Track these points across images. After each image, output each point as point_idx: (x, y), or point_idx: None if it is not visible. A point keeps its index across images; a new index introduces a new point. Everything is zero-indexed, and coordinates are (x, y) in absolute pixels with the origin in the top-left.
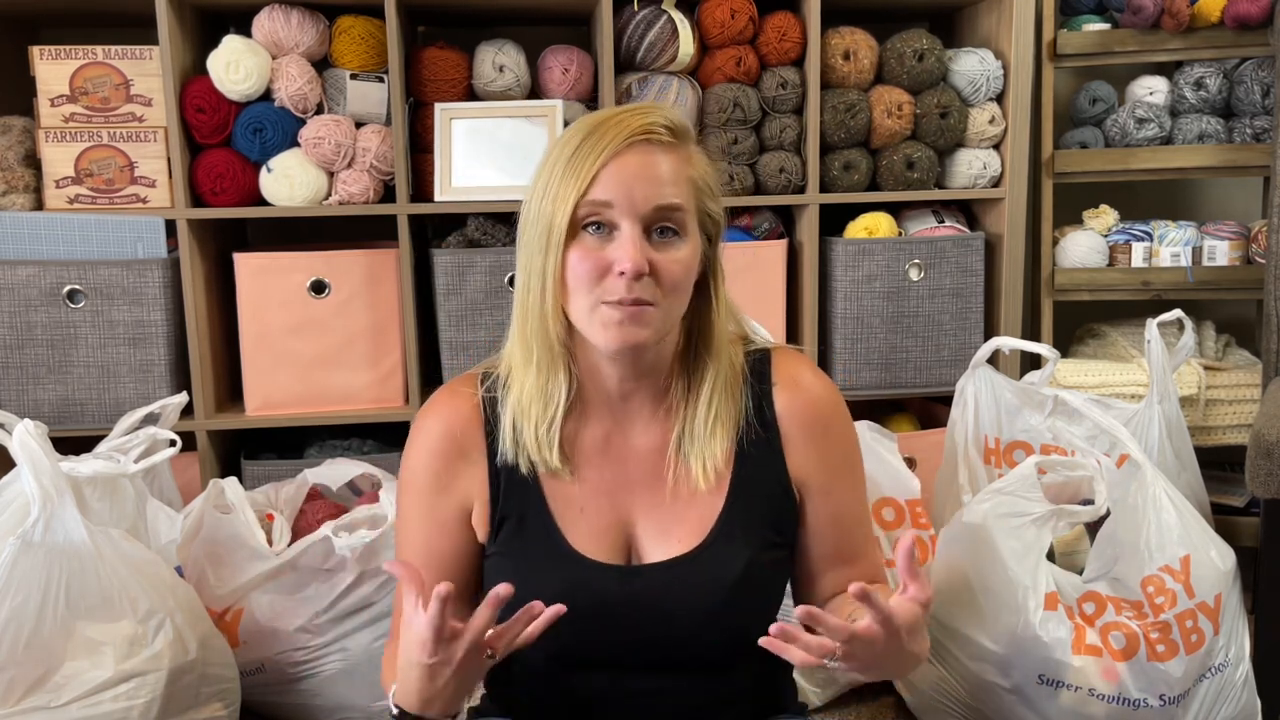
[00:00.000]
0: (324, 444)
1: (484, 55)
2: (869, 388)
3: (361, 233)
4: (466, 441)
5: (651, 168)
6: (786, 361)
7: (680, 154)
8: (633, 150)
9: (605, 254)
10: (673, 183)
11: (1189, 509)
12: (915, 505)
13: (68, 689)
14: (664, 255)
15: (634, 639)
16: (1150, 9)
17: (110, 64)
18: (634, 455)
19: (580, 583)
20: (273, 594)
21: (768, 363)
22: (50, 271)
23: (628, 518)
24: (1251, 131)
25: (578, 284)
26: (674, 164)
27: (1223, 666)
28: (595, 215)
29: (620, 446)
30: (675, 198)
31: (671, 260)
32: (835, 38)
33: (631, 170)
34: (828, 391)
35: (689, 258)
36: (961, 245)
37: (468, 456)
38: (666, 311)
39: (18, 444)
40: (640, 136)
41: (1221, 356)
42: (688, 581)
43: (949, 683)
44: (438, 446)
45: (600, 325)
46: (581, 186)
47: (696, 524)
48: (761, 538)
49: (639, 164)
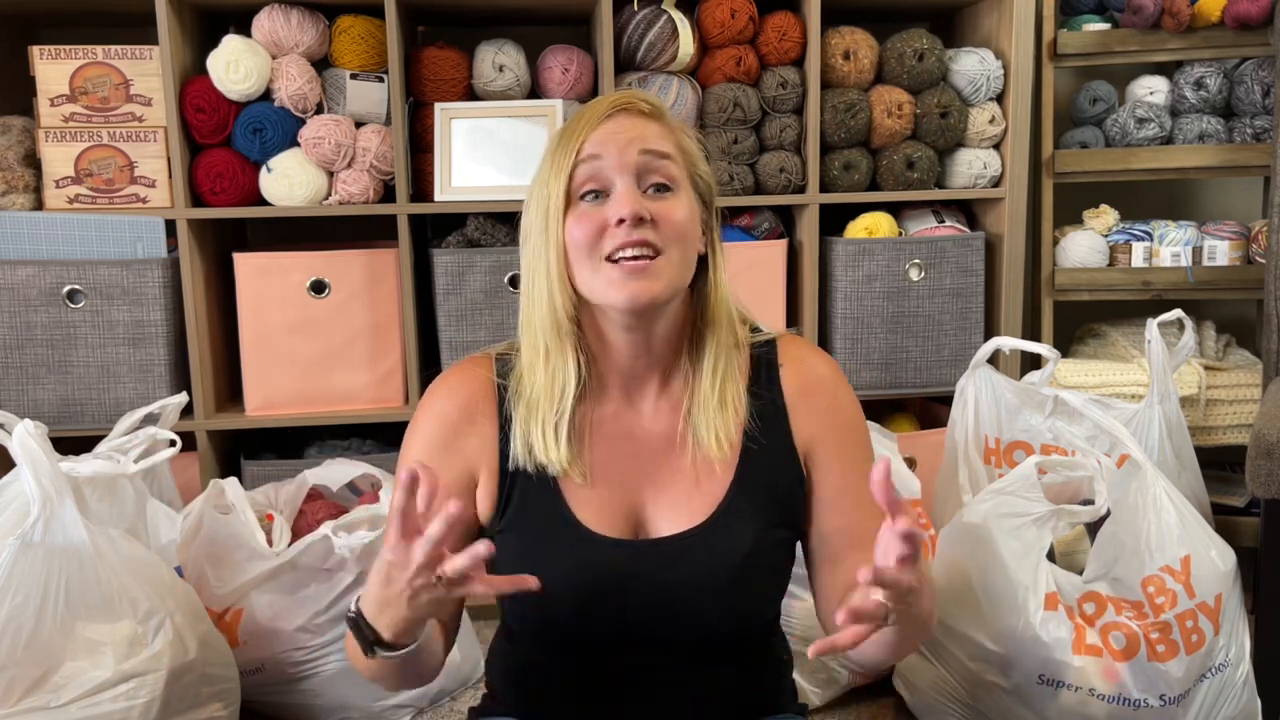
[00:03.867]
0: (324, 444)
1: (484, 55)
2: (869, 388)
3: (361, 233)
4: (479, 414)
5: (635, 127)
6: (792, 345)
7: (662, 122)
8: (614, 119)
9: (603, 213)
10: (659, 138)
11: (1189, 509)
12: (915, 505)
13: (68, 689)
14: (661, 205)
15: (639, 615)
16: (1150, 9)
17: (110, 64)
18: (644, 433)
19: (588, 557)
20: (272, 594)
21: (774, 349)
22: (50, 271)
23: (637, 494)
24: (1251, 131)
25: (578, 251)
26: (657, 127)
27: (1223, 666)
28: (590, 180)
29: (631, 425)
30: (662, 145)
31: (670, 209)
32: (835, 38)
33: (613, 129)
34: (831, 367)
35: (687, 211)
36: (961, 245)
37: (480, 430)
38: (674, 262)
39: (18, 444)
40: (620, 106)
41: (1222, 356)
42: (696, 556)
43: (949, 683)
44: (450, 413)
45: (607, 284)
46: (572, 155)
47: (705, 500)
48: (770, 516)
49: (620, 125)
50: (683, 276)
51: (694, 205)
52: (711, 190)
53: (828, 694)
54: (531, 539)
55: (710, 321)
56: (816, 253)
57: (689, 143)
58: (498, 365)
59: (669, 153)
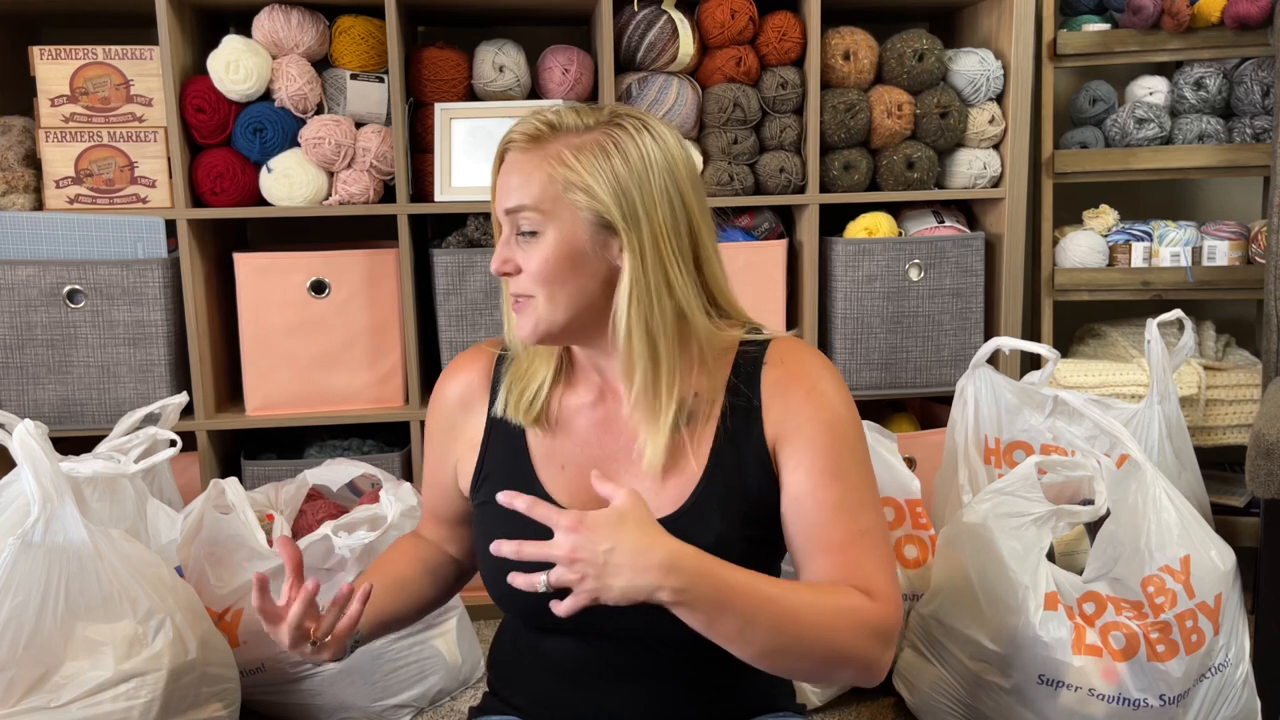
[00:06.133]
0: (324, 444)
1: (484, 55)
2: (869, 388)
3: (361, 233)
4: (474, 393)
5: (506, 177)
6: (785, 345)
7: (537, 154)
8: (504, 163)
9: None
10: (520, 186)
11: (1189, 509)
12: (915, 505)
13: (68, 689)
14: (524, 252)
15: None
16: (1150, 9)
17: (110, 64)
18: (619, 421)
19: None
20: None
21: (764, 348)
22: (50, 271)
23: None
24: (1251, 131)
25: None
26: (528, 166)
27: (1223, 666)
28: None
29: (607, 412)
30: (518, 199)
31: (530, 256)
32: (835, 38)
33: (503, 178)
34: (819, 363)
35: (550, 250)
36: (961, 245)
37: (472, 407)
38: (549, 301)
39: (18, 444)
40: (505, 150)
41: (1221, 356)
42: None
43: (949, 683)
44: (454, 394)
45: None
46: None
47: (674, 493)
48: (739, 514)
49: (503, 176)
50: (565, 311)
51: (572, 233)
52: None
53: (827, 694)
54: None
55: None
56: (816, 253)
57: (577, 168)
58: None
59: (525, 203)
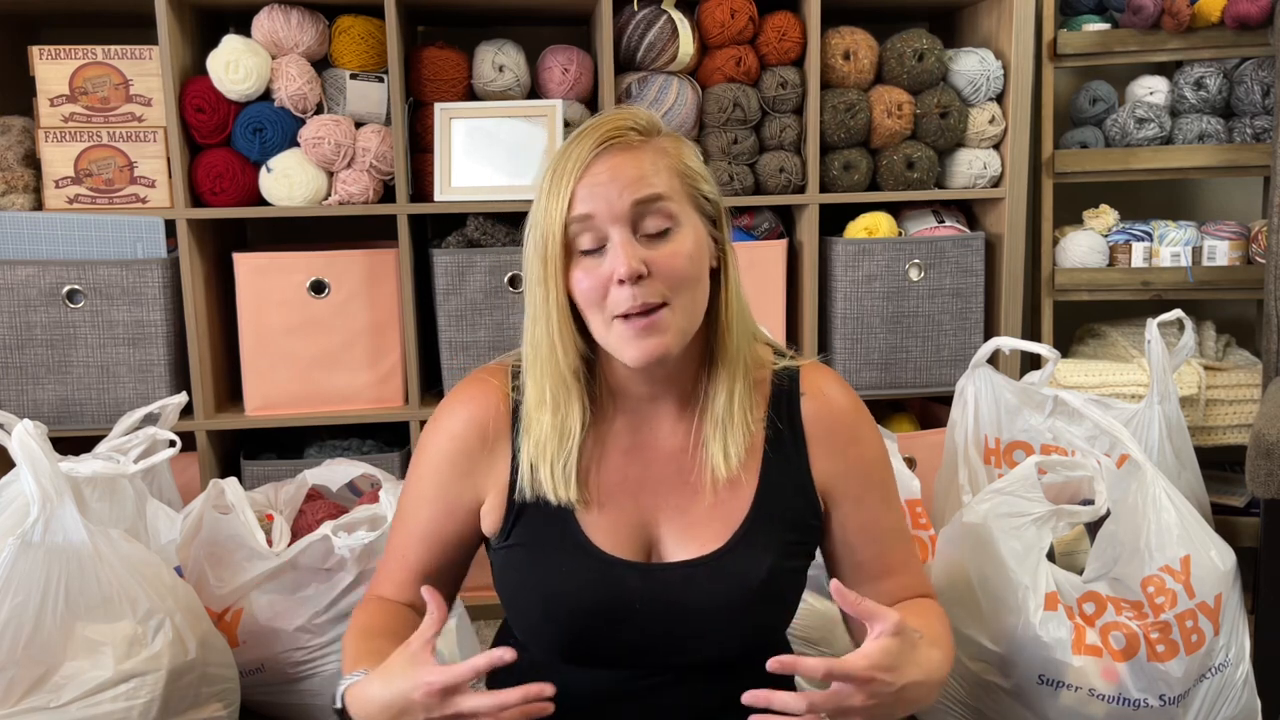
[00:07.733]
0: (324, 444)
1: (484, 55)
2: (869, 388)
3: (361, 233)
4: (493, 433)
5: (620, 169)
6: (815, 374)
7: (652, 147)
8: (600, 159)
9: (604, 268)
10: (649, 174)
11: (1189, 509)
12: (915, 505)
13: (68, 689)
14: (659, 251)
15: (648, 638)
16: (1150, 9)
17: (110, 64)
18: (660, 455)
19: (598, 576)
20: (272, 594)
21: (796, 377)
22: (50, 271)
23: (651, 516)
24: (1251, 131)
25: (588, 304)
26: (646, 158)
27: (1223, 666)
28: (584, 236)
29: (646, 445)
30: (653, 188)
31: (669, 255)
32: (835, 38)
33: (603, 178)
34: (854, 403)
35: (689, 247)
36: (961, 245)
37: (492, 449)
38: (683, 309)
39: (17, 444)
40: (604, 145)
41: (1221, 356)
42: (709, 583)
43: (949, 683)
44: (464, 432)
45: (620, 342)
46: (564, 205)
47: (721, 526)
48: (785, 545)
49: (609, 170)
50: (693, 319)
51: (700, 230)
52: (719, 208)
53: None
54: (540, 554)
55: (723, 337)
56: (816, 253)
57: (688, 161)
58: (513, 378)
59: (661, 193)
